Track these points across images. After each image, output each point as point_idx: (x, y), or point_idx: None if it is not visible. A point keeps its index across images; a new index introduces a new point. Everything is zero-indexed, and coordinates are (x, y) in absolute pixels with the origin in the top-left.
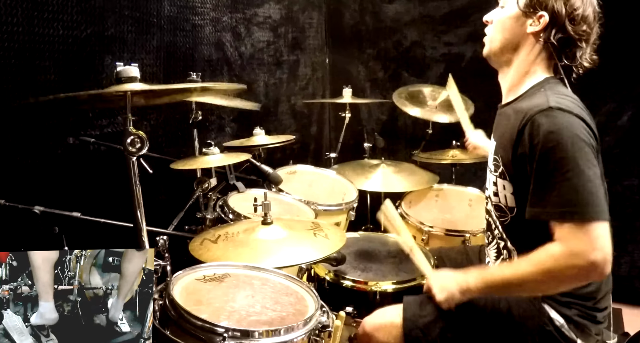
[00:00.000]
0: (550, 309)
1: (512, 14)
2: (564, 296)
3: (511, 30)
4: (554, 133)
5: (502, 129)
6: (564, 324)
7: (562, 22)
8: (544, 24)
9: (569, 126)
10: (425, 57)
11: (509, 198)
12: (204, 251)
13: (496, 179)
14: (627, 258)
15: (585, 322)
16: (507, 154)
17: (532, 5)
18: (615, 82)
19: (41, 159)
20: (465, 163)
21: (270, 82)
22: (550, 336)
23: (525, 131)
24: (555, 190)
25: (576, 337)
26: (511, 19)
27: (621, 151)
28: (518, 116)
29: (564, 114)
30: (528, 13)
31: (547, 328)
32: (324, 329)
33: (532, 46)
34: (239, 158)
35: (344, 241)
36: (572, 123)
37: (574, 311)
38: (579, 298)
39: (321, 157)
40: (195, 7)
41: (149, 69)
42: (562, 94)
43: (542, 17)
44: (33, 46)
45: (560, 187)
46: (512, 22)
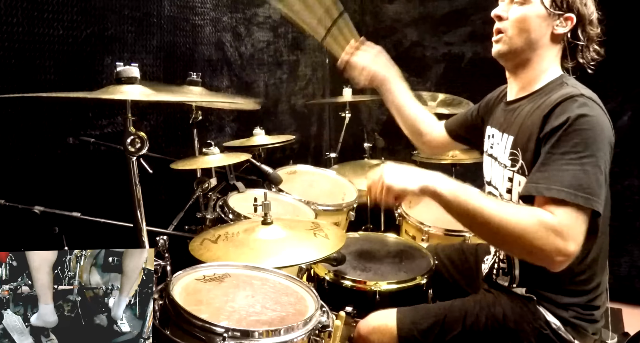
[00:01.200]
0: (547, 312)
1: (538, 13)
2: (563, 297)
3: (536, 30)
4: (585, 116)
5: (520, 121)
6: (561, 327)
7: (585, 24)
8: (572, 26)
9: (600, 117)
10: (425, 57)
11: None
12: (204, 251)
13: (513, 175)
14: (627, 258)
15: (582, 323)
16: (530, 145)
17: (559, 6)
18: (615, 82)
19: (41, 159)
20: (465, 163)
21: (270, 82)
22: (547, 339)
23: (554, 114)
24: (567, 171)
25: (573, 338)
26: (537, 19)
27: (621, 151)
28: (545, 105)
29: (596, 106)
30: (554, 14)
31: (544, 331)
32: (324, 329)
33: (554, 45)
34: (239, 158)
35: (343, 241)
36: (602, 117)
37: (570, 313)
38: (576, 298)
39: (321, 157)
40: (195, 7)
41: (149, 69)
42: (586, 88)
43: (569, 19)
44: (33, 45)
45: (573, 169)
46: (538, 21)
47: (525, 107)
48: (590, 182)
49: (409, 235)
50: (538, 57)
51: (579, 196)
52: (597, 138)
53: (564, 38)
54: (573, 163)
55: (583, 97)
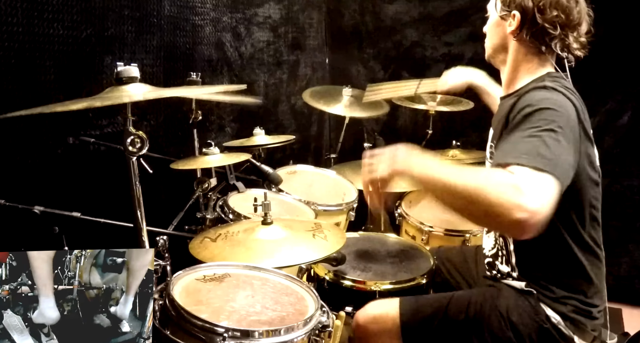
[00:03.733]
0: (547, 307)
1: (495, 20)
2: (559, 290)
3: (496, 35)
4: (543, 100)
5: (499, 115)
6: (561, 321)
7: (531, 14)
8: (518, 21)
9: (560, 101)
10: (425, 57)
11: None
12: (204, 251)
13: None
14: (627, 258)
15: (580, 318)
16: (501, 136)
17: (505, 7)
18: (615, 82)
19: (41, 159)
20: (465, 163)
21: (270, 82)
22: (548, 334)
23: (518, 104)
24: (525, 143)
25: (573, 333)
26: (494, 25)
27: (621, 151)
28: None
29: (557, 93)
30: (504, 16)
31: (544, 326)
32: (324, 329)
33: (517, 44)
34: (239, 158)
35: (343, 241)
36: (564, 102)
37: (568, 307)
38: (573, 292)
39: (321, 157)
40: (195, 7)
41: (149, 69)
42: (561, 85)
43: (513, 16)
44: (33, 45)
45: (531, 141)
46: (495, 27)
47: (506, 104)
48: (552, 152)
49: (409, 235)
50: (511, 59)
51: (537, 160)
52: (560, 117)
53: (525, 35)
54: (534, 136)
55: (544, 87)
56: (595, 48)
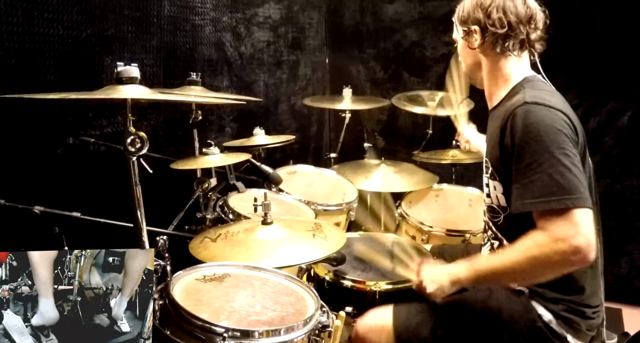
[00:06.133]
0: (538, 306)
1: (462, 43)
2: (550, 292)
3: (467, 56)
4: (529, 125)
5: (490, 131)
6: (552, 319)
7: (484, 24)
8: (480, 34)
9: (544, 118)
10: (425, 57)
11: (500, 198)
12: (204, 251)
13: (488, 180)
14: (627, 258)
15: (573, 317)
16: (495, 154)
17: (464, 26)
18: (615, 83)
19: (41, 159)
20: (465, 163)
21: (270, 82)
22: (540, 332)
23: (507, 128)
24: (533, 182)
25: (566, 332)
26: (463, 48)
27: (621, 151)
28: (501, 115)
29: (540, 108)
30: (467, 34)
31: (536, 324)
32: (324, 329)
33: (486, 58)
34: (239, 158)
35: (343, 241)
36: (548, 115)
37: (560, 306)
38: (565, 294)
39: (321, 157)
40: (195, 7)
41: (149, 69)
42: (539, 89)
43: (474, 32)
44: (33, 45)
45: (538, 178)
46: (464, 49)
47: (495, 116)
48: (557, 183)
49: (409, 235)
50: (486, 72)
51: (552, 201)
52: (547, 138)
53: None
54: (537, 172)
55: (525, 104)
56: (596, 49)
